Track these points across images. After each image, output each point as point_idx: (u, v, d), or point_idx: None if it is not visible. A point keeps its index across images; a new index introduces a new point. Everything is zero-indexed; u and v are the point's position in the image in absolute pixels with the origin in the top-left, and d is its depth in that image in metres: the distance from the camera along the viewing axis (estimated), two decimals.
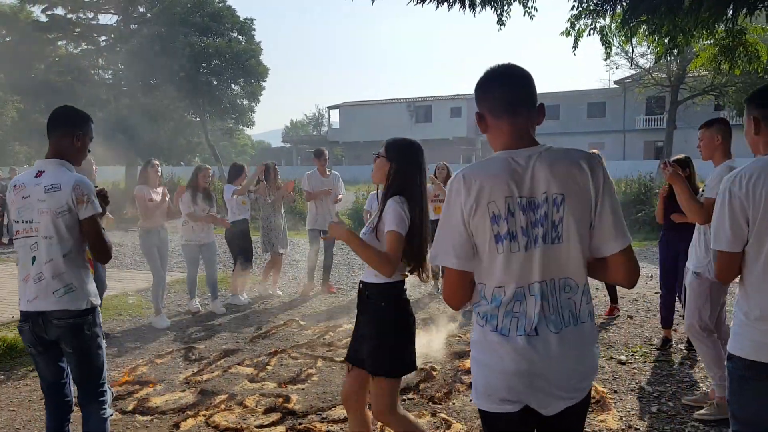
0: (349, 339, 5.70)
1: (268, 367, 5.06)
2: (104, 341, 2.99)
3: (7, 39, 42.63)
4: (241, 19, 28.68)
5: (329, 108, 53.40)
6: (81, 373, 2.89)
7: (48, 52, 38.59)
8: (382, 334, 2.84)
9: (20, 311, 2.86)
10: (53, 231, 2.77)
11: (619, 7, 5.13)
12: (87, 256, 2.94)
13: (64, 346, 2.83)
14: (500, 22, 5.57)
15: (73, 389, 2.98)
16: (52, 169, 2.82)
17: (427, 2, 4.86)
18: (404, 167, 2.87)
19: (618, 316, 6.46)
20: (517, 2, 5.12)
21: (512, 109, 1.85)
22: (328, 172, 8.01)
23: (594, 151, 2.68)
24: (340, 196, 8.00)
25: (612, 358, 5.15)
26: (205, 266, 7.10)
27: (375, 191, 8.05)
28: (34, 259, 2.81)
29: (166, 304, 7.40)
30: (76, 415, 3.01)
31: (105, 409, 2.96)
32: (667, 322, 5.51)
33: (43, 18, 40.16)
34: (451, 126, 45.95)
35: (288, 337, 6.00)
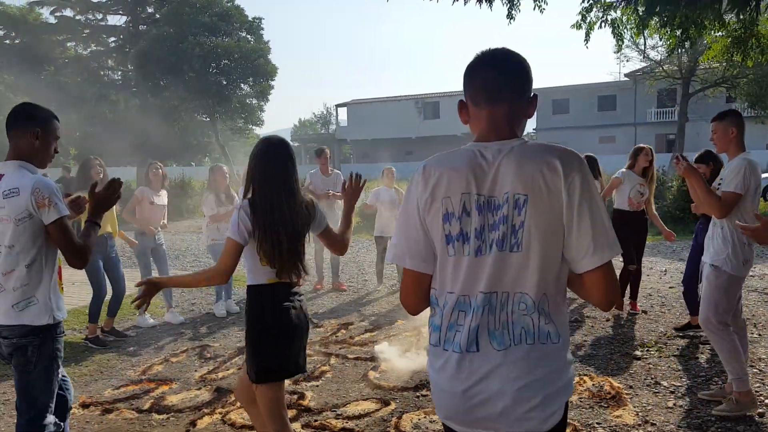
0: (363, 336, 5.75)
1: None
2: (59, 366, 2.72)
3: (17, 41, 43.01)
4: (250, 18, 28.76)
5: (337, 106, 53.42)
6: (18, 397, 2.66)
7: (57, 53, 38.88)
8: (246, 338, 2.78)
9: None
10: (15, 239, 2.57)
11: (637, 2, 5.08)
12: (59, 265, 2.76)
13: (13, 365, 2.66)
14: (510, 16, 5.56)
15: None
16: (11, 172, 2.61)
17: None
18: (251, 168, 2.75)
19: (638, 313, 6.42)
20: None
21: (493, 97, 1.64)
22: (330, 171, 8.02)
23: (583, 155, 2.62)
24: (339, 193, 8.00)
25: (627, 353, 5.13)
26: None
27: (382, 186, 8.12)
28: None
29: (180, 303, 7.45)
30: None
31: None
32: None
33: (52, 20, 40.45)
34: (459, 122, 45.14)
35: None
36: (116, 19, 37.81)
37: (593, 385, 4.37)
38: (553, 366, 1.59)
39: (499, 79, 1.64)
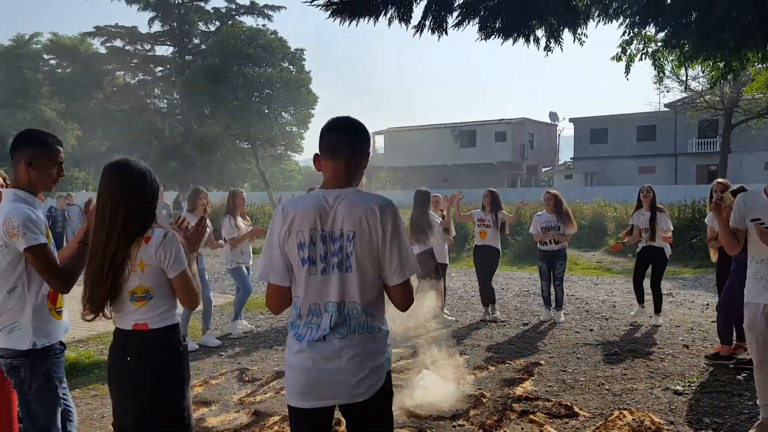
0: (398, 363, 5.76)
1: None
2: (58, 389, 2.78)
3: (68, 70, 44.90)
4: (292, 49, 29.49)
5: (374, 133, 53.94)
6: (21, 416, 2.74)
7: (106, 82, 40.40)
8: None
9: None
10: None
11: (685, 44, 5.09)
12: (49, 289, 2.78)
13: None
14: (547, 48, 5.61)
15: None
16: (3, 201, 2.69)
17: (493, 38, 4.90)
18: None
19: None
20: (567, 29, 5.16)
21: (334, 154, 2.21)
22: None
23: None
24: None
25: (668, 388, 5.03)
26: (245, 288, 7.21)
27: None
28: None
29: (219, 326, 7.59)
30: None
31: None
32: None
33: (102, 50, 42.20)
34: (495, 150, 45.78)
35: None
36: (164, 50, 39.22)
37: (633, 419, 4.30)
38: (375, 348, 2.20)
39: (339, 141, 2.23)
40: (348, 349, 2.15)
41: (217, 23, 37.16)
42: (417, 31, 4.71)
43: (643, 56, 5.74)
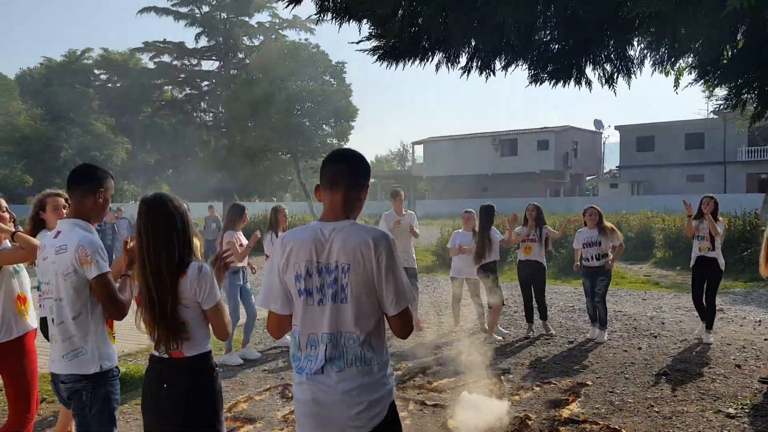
0: (441, 382, 5.73)
1: None
2: (115, 410, 2.91)
3: (118, 84, 46.41)
4: (333, 63, 29.86)
5: (414, 143, 54.02)
6: None
7: (155, 96, 41.57)
8: None
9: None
10: (63, 293, 2.76)
11: (755, 101, 4.98)
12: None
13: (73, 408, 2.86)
14: (607, 84, 5.46)
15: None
16: (66, 230, 2.82)
17: (542, 83, 4.85)
18: None
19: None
20: (621, 76, 5.05)
21: (332, 187, 2.26)
22: (404, 212, 8.20)
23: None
24: (416, 230, 8.14)
25: (720, 411, 4.87)
26: None
27: (460, 229, 8.10)
28: (53, 320, 2.84)
29: (262, 339, 7.70)
30: None
31: None
32: None
33: (150, 65, 43.47)
34: (537, 159, 45.18)
35: None
36: (209, 64, 40.18)
37: None
38: (374, 380, 2.22)
39: (337, 172, 2.27)
40: (345, 382, 2.18)
41: (261, 38, 37.93)
42: (464, 73, 4.69)
43: (692, 70, 5.61)
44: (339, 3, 4.16)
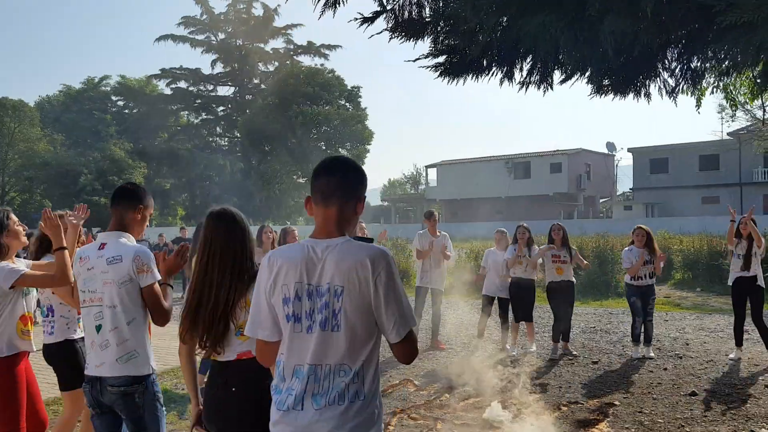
0: (468, 402, 5.72)
1: (389, 427, 5.14)
2: (162, 408, 3.07)
3: (135, 110, 47.19)
4: (349, 87, 30.21)
5: (427, 167, 54.21)
6: None
7: (171, 122, 42.17)
8: None
9: (85, 374, 3.03)
10: (118, 300, 2.92)
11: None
12: (148, 321, 3.09)
13: (119, 412, 2.97)
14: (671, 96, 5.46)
15: None
16: (113, 242, 2.99)
17: (603, 95, 4.84)
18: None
19: None
20: (686, 87, 5.05)
21: (325, 200, 2.03)
22: (438, 232, 8.26)
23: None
24: (448, 252, 8.27)
25: (752, 431, 4.83)
26: None
27: (492, 247, 8.24)
28: (99, 327, 2.95)
29: None
30: None
31: None
32: None
33: (167, 91, 44.20)
34: (551, 182, 45.17)
35: (405, 397, 6.07)
36: (225, 90, 40.78)
37: None
38: (359, 422, 1.94)
39: (330, 185, 2.03)
40: (323, 423, 1.93)
41: (276, 63, 38.54)
42: (522, 87, 4.68)
43: (715, 90, 5.64)
44: (412, 20, 4.15)
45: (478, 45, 4.07)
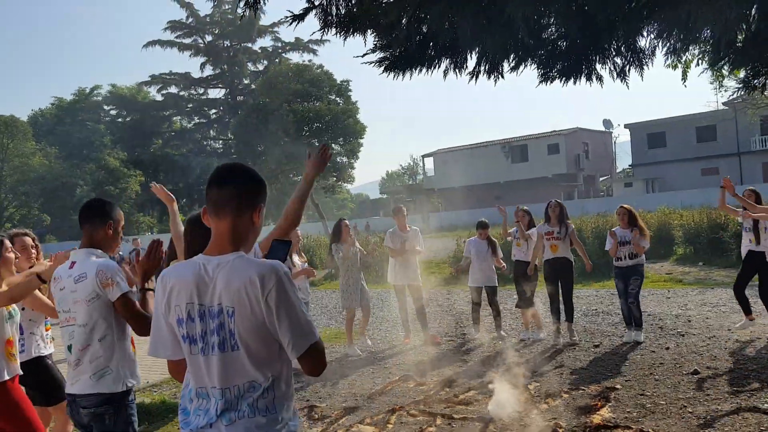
0: (467, 395, 5.65)
1: (388, 425, 5.08)
2: (136, 428, 3.01)
3: (128, 119, 47.11)
4: (338, 82, 30.09)
5: (423, 156, 54.07)
6: None
7: (164, 127, 42.11)
8: None
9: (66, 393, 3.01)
10: (88, 318, 2.89)
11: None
12: (131, 335, 3.04)
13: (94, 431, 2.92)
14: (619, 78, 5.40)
15: None
16: (81, 259, 2.97)
17: (552, 81, 4.77)
18: None
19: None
20: (633, 68, 4.99)
21: (217, 212, 1.94)
22: (408, 228, 8.21)
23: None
24: (418, 248, 8.20)
25: (756, 407, 4.74)
26: None
27: (474, 237, 8.24)
28: (70, 347, 2.94)
29: None
30: None
31: None
32: None
33: (159, 97, 44.13)
34: (548, 163, 45.02)
35: (404, 393, 6.01)
36: (216, 92, 40.70)
37: None
38: (272, 429, 1.90)
39: (221, 196, 1.94)
40: None
41: (265, 62, 38.42)
42: (472, 78, 4.63)
43: (700, 61, 5.53)
44: (342, 16, 4.15)
45: (400, 39, 4.05)
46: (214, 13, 43.39)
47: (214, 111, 39.32)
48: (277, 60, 38.21)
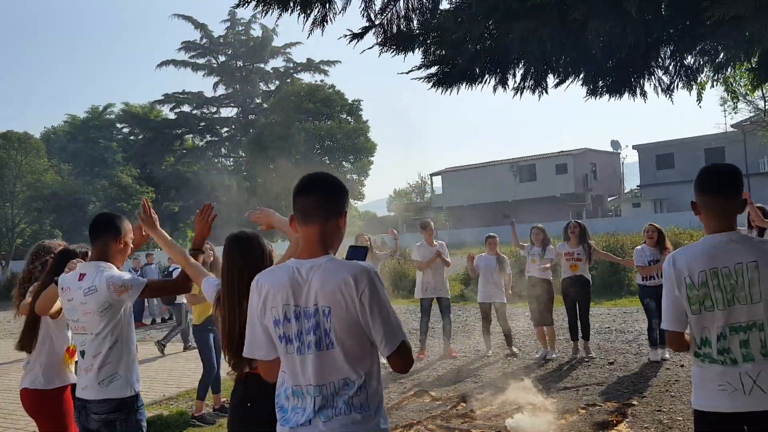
0: (485, 410, 5.69)
1: None
2: (145, 431, 3.07)
3: (140, 137, 47.58)
4: (350, 101, 30.39)
5: (431, 175, 54.20)
6: None
7: (176, 145, 42.49)
8: None
9: (75, 397, 3.07)
10: (100, 327, 2.95)
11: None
12: (134, 342, 3.12)
13: None
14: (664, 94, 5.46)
15: None
16: (91, 272, 3.01)
17: (599, 96, 4.82)
18: None
19: None
20: (681, 84, 5.04)
21: (305, 219, 2.06)
22: (435, 243, 8.33)
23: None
24: (448, 260, 8.48)
25: None
26: None
27: (483, 253, 8.37)
28: (83, 353, 3.02)
29: None
30: None
31: None
32: None
33: (171, 116, 44.58)
34: (557, 183, 45.03)
35: (420, 408, 6.04)
36: (228, 111, 41.10)
37: None
38: (369, 426, 2.00)
39: (308, 204, 2.06)
40: (332, 429, 1.99)
41: (277, 82, 38.87)
42: (517, 93, 4.68)
43: (714, 83, 5.62)
44: (398, 34, 4.20)
45: (467, 54, 4.11)
46: (227, 34, 44.09)
47: (225, 129, 39.71)
48: (288, 80, 38.72)
